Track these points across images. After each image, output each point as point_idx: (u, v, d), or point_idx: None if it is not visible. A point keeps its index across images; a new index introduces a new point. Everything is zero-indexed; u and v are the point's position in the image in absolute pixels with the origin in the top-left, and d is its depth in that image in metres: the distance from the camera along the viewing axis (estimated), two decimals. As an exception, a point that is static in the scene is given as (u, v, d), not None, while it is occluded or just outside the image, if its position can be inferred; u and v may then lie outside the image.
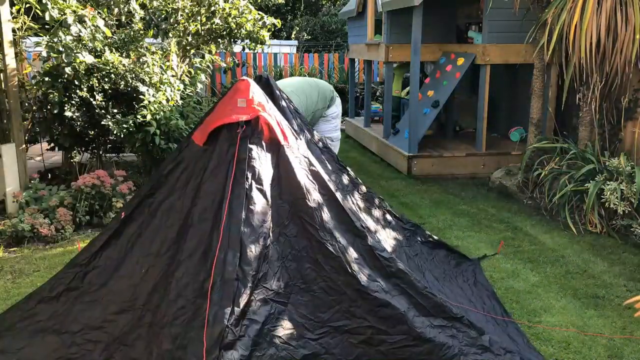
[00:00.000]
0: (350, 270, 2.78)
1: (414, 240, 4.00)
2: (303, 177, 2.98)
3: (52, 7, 4.95)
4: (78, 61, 5.12)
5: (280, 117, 3.14)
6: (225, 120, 2.93)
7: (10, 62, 5.22)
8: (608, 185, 4.71)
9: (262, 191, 2.83)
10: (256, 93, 2.99)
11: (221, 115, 2.97)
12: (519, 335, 3.12)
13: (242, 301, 2.53)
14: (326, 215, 2.92)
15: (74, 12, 5.08)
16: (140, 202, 3.05)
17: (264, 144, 2.95)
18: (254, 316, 2.55)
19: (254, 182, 2.82)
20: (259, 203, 2.80)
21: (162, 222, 2.93)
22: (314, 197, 2.94)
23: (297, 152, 3.08)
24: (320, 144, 3.67)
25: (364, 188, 3.88)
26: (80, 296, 2.92)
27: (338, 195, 3.06)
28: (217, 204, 2.79)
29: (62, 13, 5.01)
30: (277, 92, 3.44)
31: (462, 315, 2.84)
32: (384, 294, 2.77)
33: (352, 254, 2.86)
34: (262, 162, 2.90)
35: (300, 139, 3.30)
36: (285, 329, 2.62)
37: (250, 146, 2.87)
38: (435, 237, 4.26)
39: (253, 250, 2.66)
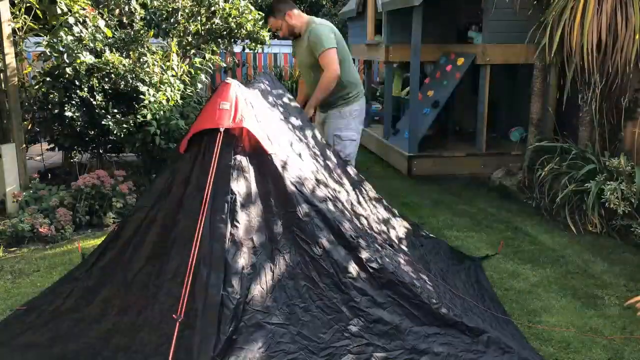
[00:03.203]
0: (343, 287, 2.66)
1: (418, 234, 4.03)
2: (292, 187, 2.78)
3: (60, 1, 4.98)
4: (79, 61, 5.12)
5: (269, 122, 2.97)
6: (205, 125, 2.77)
7: (11, 62, 5.22)
8: (608, 185, 4.71)
9: (248, 204, 2.64)
10: (240, 96, 2.81)
11: (202, 121, 2.82)
12: (518, 335, 3.12)
13: (229, 328, 2.33)
14: (318, 228, 2.74)
15: (83, 8, 5.11)
16: (132, 215, 2.95)
17: (247, 151, 2.75)
18: (246, 345, 2.35)
19: (237, 194, 2.61)
20: (245, 217, 2.61)
21: (144, 238, 2.78)
22: (305, 209, 2.76)
23: (286, 159, 2.89)
24: (320, 144, 3.65)
25: (368, 185, 3.86)
26: (72, 312, 2.84)
27: (330, 205, 2.88)
28: (196, 219, 2.57)
29: (69, 10, 5.03)
30: (278, 90, 3.42)
31: (457, 321, 2.76)
32: (376, 309, 2.66)
33: (345, 269, 2.71)
34: (247, 171, 2.71)
35: (295, 143, 3.16)
36: (288, 353, 2.43)
37: (233, 155, 2.68)
38: (434, 237, 4.28)
39: (239, 270, 2.47)
